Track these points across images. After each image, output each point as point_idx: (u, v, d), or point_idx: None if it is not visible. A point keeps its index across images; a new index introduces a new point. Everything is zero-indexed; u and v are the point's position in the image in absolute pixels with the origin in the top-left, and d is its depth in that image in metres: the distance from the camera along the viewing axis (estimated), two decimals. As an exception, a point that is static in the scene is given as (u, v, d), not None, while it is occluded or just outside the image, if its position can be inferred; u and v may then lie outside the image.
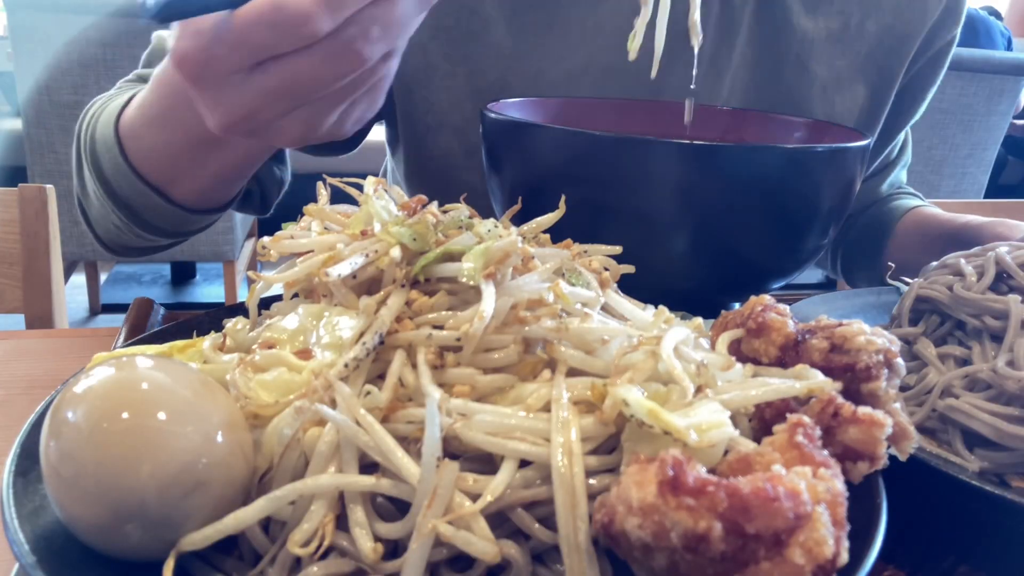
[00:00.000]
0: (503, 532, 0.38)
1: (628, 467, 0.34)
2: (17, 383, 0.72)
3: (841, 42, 0.96)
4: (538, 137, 0.67)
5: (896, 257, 1.04)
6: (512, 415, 0.39)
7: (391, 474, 0.38)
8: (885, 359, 0.44)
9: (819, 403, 0.41)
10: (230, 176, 0.75)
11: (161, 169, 0.74)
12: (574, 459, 0.37)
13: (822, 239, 0.70)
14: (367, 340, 0.42)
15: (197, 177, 0.73)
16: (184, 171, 0.73)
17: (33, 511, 0.39)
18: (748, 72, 0.95)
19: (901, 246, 1.03)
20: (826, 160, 0.65)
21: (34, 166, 2.38)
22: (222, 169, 0.72)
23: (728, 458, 0.37)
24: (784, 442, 0.36)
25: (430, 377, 0.41)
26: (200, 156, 0.70)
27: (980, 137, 2.93)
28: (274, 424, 0.41)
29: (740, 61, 0.94)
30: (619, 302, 0.50)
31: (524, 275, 0.46)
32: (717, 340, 0.48)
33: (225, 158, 0.70)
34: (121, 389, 0.38)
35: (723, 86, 0.94)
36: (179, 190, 0.75)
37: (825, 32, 0.96)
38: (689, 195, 0.63)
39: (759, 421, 0.43)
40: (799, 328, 0.47)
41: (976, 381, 0.60)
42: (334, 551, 0.39)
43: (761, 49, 0.94)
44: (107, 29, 2.23)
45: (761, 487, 0.32)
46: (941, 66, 1.04)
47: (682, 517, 0.31)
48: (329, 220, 0.53)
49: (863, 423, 0.40)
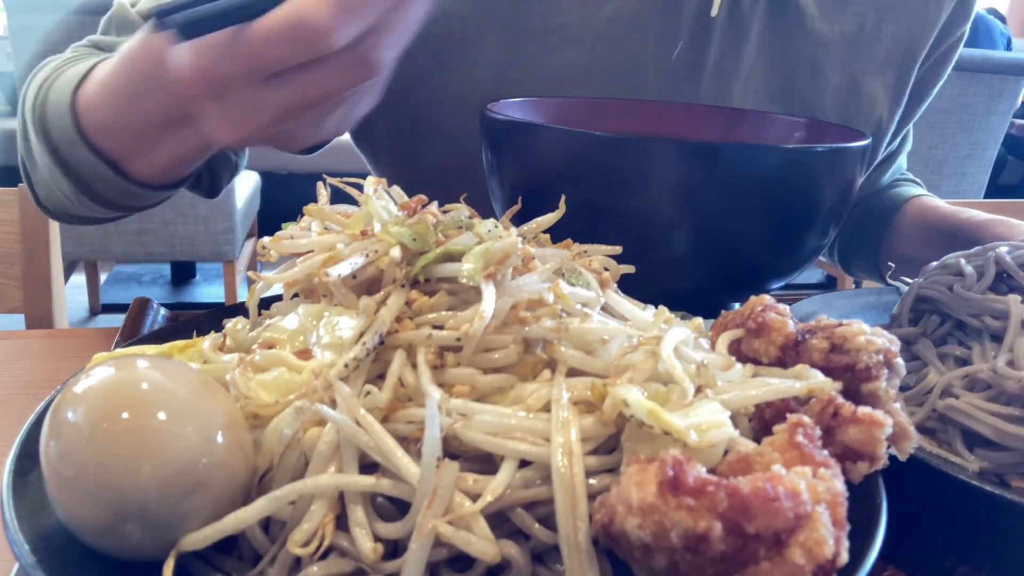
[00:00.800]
0: (503, 532, 0.38)
1: (628, 467, 0.34)
2: (17, 383, 0.71)
3: (857, 45, 0.95)
4: (538, 137, 0.67)
5: (894, 248, 1.03)
6: (512, 415, 0.39)
7: (391, 474, 0.38)
8: (885, 359, 0.44)
9: (819, 403, 0.41)
10: (193, 157, 0.70)
11: (120, 146, 0.70)
12: (574, 459, 0.37)
13: (822, 239, 0.70)
14: (367, 340, 0.42)
15: (158, 155, 0.69)
16: (144, 150, 0.69)
17: (33, 511, 0.39)
18: (761, 80, 0.93)
19: (900, 237, 1.02)
20: (826, 160, 0.65)
21: (34, 166, 2.39)
22: (187, 151, 0.68)
23: (728, 458, 0.37)
24: (784, 442, 0.36)
25: (430, 377, 0.41)
26: (165, 137, 0.66)
27: (980, 137, 2.93)
28: (274, 424, 0.41)
29: (751, 70, 0.92)
30: (619, 302, 0.50)
31: (524, 275, 0.46)
32: (717, 340, 0.48)
33: (190, 141, 0.66)
34: (121, 389, 0.38)
35: (733, 95, 0.92)
36: (136, 166, 0.71)
37: (840, 35, 0.94)
38: (689, 195, 0.63)
39: (759, 421, 0.43)
40: (799, 328, 0.47)
41: (976, 381, 0.60)
42: (334, 551, 0.39)
43: (773, 56, 0.93)
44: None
45: (761, 487, 0.32)
46: (949, 62, 1.03)
47: (682, 517, 0.31)
48: (329, 220, 0.53)
49: (863, 423, 0.40)
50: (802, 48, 0.93)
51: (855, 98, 0.97)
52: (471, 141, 0.85)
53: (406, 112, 0.91)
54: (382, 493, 0.39)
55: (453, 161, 0.92)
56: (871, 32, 0.95)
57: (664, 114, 0.84)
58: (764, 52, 0.92)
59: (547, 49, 0.88)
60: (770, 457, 0.36)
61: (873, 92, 0.97)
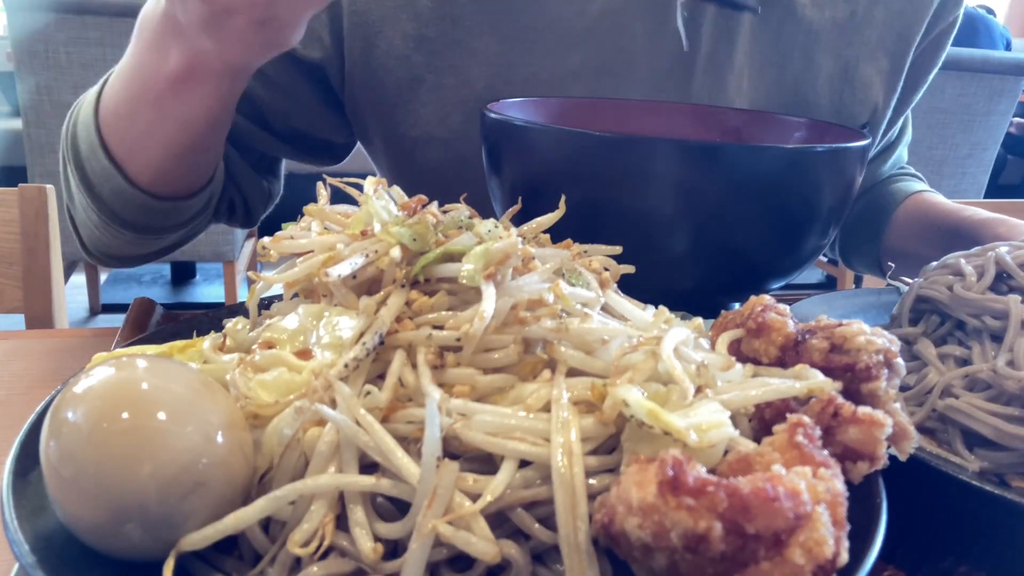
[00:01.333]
0: (503, 532, 0.38)
1: (628, 467, 0.34)
2: (17, 383, 0.71)
3: (849, 31, 0.94)
4: (538, 137, 0.67)
5: (894, 243, 1.03)
6: (512, 415, 0.39)
7: (391, 474, 0.38)
8: (885, 359, 0.44)
9: (819, 403, 0.41)
10: (184, 143, 0.73)
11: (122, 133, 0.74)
12: (574, 459, 0.37)
13: (822, 239, 0.70)
14: (367, 340, 0.42)
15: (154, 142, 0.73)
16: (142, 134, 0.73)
17: (33, 511, 0.39)
18: (756, 72, 0.93)
19: (900, 232, 1.02)
20: (826, 160, 0.65)
21: (34, 166, 2.38)
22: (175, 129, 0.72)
23: (728, 458, 0.37)
24: (784, 442, 0.36)
25: (430, 377, 0.41)
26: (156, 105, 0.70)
27: (980, 137, 2.92)
28: (274, 424, 0.41)
29: (745, 61, 0.92)
30: (619, 302, 0.50)
31: (524, 275, 0.46)
32: (717, 340, 0.48)
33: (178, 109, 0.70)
34: (121, 389, 0.38)
35: (727, 86, 0.92)
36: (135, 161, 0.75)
37: (831, 22, 0.93)
38: (689, 195, 0.63)
39: (759, 421, 0.43)
40: (799, 328, 0.47)
41: (976, 381, 0.60)
42: (334, 551, 0.39)
43: (766, 46, 0.93)
44: (106, 29, 2.23)
45: (761, 487, 0.32)
46: (944, 47, 1.02)
47: (682, 517, 0.31)
48: (329, 220, 0.53)
49: (863, 423, 0.40)
50: (794, 36, 0.93)
51: (849, 84, 0.96)
52: (467, 143, 0.85)
53: (402, 115, 0.91)
54: (382, 493, 0.39)
55: (449, 163, 0.92)
56: (863, 17, 0.95)
57: (664, 113, 0.84)
58: (757, 42, 0.92)
59: (538, 48, 0.88)
60: (770, 457, 0.36)
61: (867, 77, 0.97)
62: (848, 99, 0.97)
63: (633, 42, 0.88)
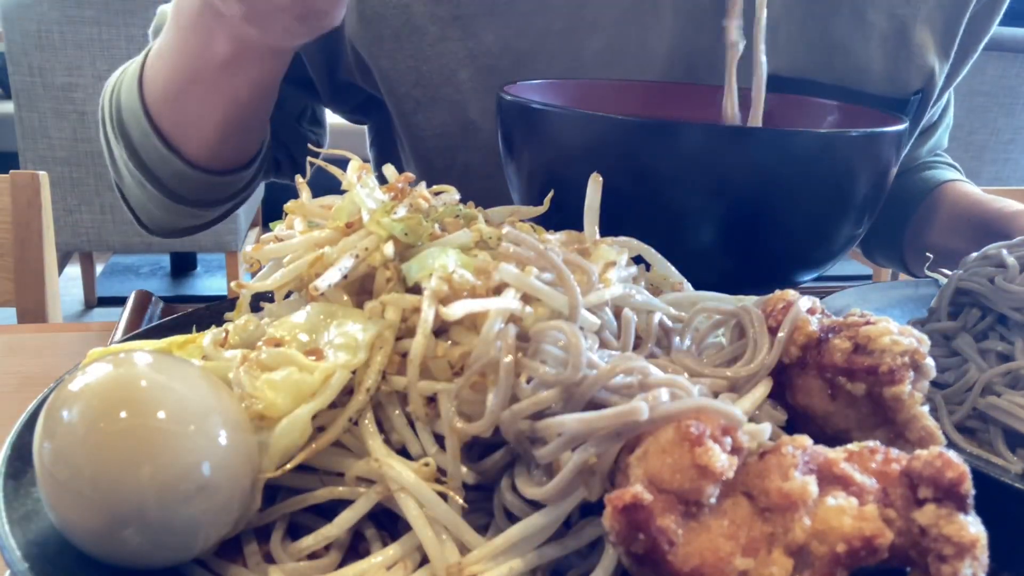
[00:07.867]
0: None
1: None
2: (8, 380, 0.70)
3: None
4: (558, 122, 0.66)
5: (920, 234, 0.98)
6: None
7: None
8: (912, 360, 0.42)
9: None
10: (238, 119, 0.76)
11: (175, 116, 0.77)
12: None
13: (856, 229, 0.68)
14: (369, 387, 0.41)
15: (205, 119, 0.76)
16: (195, 115, 0.75)
17: (25, 515, 0.38)
18: (796, 27, 0.85)
19: (927, 223, 0.97)
20: (861, 145, 0.63)
21: (26, 151, 2.33)
22: (227, 108, 0.74)
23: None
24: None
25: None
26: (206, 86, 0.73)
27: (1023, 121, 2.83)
28: (284, 425, 0.39)
29: (783, 13, 0.83)
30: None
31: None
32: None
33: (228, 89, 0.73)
34: (118, 387, 0.37)
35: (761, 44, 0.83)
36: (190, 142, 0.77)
37: None
38: (717, 182, 0.62)
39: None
40: (823, 326, 0.45)
41: (1019, 378, 0.58)
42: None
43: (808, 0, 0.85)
44: (102, 7, 2.20)
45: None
46: (997, 14, 0.95)
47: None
48: (312, 216, 0.51)
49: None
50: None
51: (905, 46, 0.88)
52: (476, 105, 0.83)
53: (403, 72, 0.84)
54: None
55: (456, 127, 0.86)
56: None
57: (690, 96, 0.81)
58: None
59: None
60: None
61: (922, 40, 0.89)
62: (904, 63, 0.89)
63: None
